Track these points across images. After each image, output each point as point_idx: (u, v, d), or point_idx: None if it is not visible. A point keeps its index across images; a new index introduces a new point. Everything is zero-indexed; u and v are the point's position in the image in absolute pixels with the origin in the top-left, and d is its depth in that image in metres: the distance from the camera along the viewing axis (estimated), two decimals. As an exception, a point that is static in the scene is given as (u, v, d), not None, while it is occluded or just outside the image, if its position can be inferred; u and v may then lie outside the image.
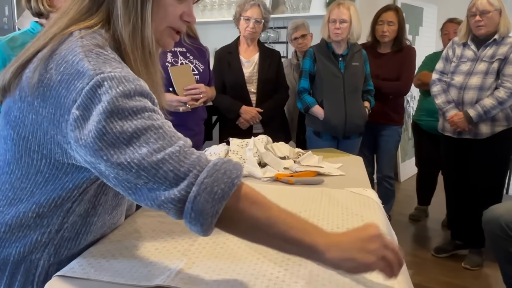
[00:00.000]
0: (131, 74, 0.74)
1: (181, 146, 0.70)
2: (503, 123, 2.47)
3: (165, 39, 0.87)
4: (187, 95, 1.91)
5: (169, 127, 0.73)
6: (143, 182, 0.68)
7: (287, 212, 0.72)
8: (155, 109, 0.74)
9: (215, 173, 0.68)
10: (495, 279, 2.44)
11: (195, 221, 0.67)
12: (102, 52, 0.75)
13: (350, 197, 1.28)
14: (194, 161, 0.69)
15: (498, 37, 2.40)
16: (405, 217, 3.47)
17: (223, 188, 0.67)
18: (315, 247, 0.69)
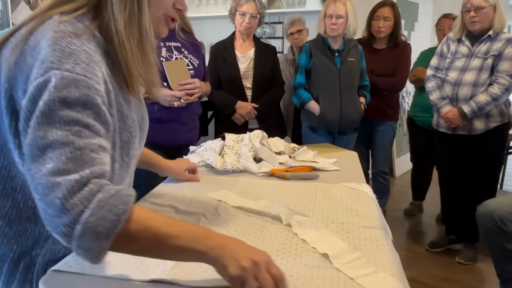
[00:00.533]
0: (89, 77, 0.71)
1: (82, 176, 0.66)
2: (497, 119, 2.48)
3: (161, 27, 0.86)
4: (182, 90, 1.90)
5: (91, 150, 0.69)
6: (39, 197, 0.67)
7: (176, 225, 0.72)
8: (90, 124, 0.70)
9: (99, 211, 0.65)
10: (489, 273, 2.46)
11: (84, 256, 0.67)
12: (74, 42, 0.72)
13: (345, 192, 1.29)
14: (84, 196, 0.65)
15: (492, 33, 2.41)
16: (400, 212, 3.49)
17: (108, 227, 0.65)
18: (205, 254, 0.70)
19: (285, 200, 1.17)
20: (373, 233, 0.97)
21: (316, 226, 0.98)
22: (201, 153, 1.59)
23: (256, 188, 1.30)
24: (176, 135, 1.96)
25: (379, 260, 0.85)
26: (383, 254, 0.87)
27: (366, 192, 1.28)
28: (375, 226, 1.01)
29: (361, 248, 0.90)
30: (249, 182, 1.37)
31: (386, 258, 0.86)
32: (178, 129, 1.96)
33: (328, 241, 0.90)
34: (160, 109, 1.91)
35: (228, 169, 1.47)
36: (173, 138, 1.95)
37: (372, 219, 1.05)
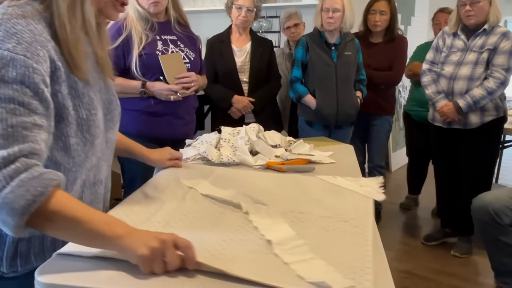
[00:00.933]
0: (29, 58, 0.74)
1: (11, 152, 0.71)
2: (492, 113, 2.49)
3: (109, 11, 0.90)
4: (178, 83, 1.89)
5: (24, 128, 0.73)
6: None
7: (92, 212, 0.76)
8: (26, 103, 0.74)
9: (18, 189, 0.70)
10: (484, 266, 2.48)
11: (4, 226, 0.72)
12: (21, 22, 0.76)
13: (317, 183, 1.29)
14: (8, 172, 0.70)
15: (488, 26, 2.41)
16: (396, 206, 3.51)
17: (23, 205, 0.70)
18: (114, 238, 0.74)
19: (254, 190, 1.19)
20: (329, 222, 0.99)
21: (271, 214, 1.00)
22: (197, 146, 1.59)
23: (231, 177, 1.33)
24: (173, 129, 1.95)
25: (321, 247, 0.86)
26: (328, 242, 0.89)
27: (340, 185, 1.28)
28: (331, 215, 1.03)
29: (309, 236, 0.91)
30: (225, 172, 1.39)
31: (331, 245, 0.87)
32: (175, 123, 1.96)
33: (278, 229, 0.92)
34: (157, 102, 1.91)
35: (224, 162, 1.48)
36: (169, 132, 1.95)
37: (334, 210, 1.06)
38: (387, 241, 2.74)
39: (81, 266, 0.76)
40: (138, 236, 0.75)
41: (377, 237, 0.95)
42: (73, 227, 0.74)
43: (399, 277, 2.40)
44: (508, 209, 2.01)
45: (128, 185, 2.01)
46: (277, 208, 1.07)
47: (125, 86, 1.87)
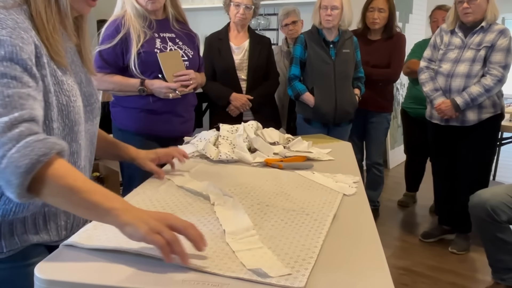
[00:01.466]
0: (15, 38, 0.79)
1: (11, 118, 0.74)
2: (489, 110, 2.50)
3: (80, 3, 0.93)
4: (177, 81, 1.89)
5: (20, 97, 0.77)
6: None
7: (93, 183, 0.79)
8: (18, 76, 0.78)
9: (24, 149, 0.73)
10: (481, 263, 2.49)
11: (6, 187, 0.75)
12: (1, 12, 0.81)
13: (294, 178, 1.31)
14: (13, 135, 0.74)
15: (485, 24, 2.42)
16: (394, 203, 3.52)
17: (27, 163, 0.73)
18: (112, 210, 0.76)
19: (230, 182, 1.24)
20: (290, 215, 1.02)
21: (236, 206, 1.02)
22: (195, 143, 1.59)
23: (212, 170, 1.37)
24: (172, 126, 1.95)
25: (274, 238, 0.89)
26: (282, 233, 0.91)
27: (316, 180, 1.29)
28: (295, 209, 1.06)
29: (265, 228, 0.94)
30: (207, 165, 1.43)
31: (284, 236, 0.90)
32: (174, 121, 1.96)
33: (236, 220, 0.95)
34: (155, 100, 1.90)
35: (222, 159, 1.48)
36: (168, 129, 1.95)
37: (299, 204, 1.09)
38: (385, 238, 2.76)
39: (80, 262, 0.77)
40: (136, 213, 0.77)
41: (375, 234, 0.95)
42: (72, 195, 0.77)
43: (397, 274, 2.42)
44: (505, 206, 2.02)
45: (127, 183, 2.01)
46: (246, 200, 1.11)
47: (124, 84, 1.87)
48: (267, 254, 0.82)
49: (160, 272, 0.75)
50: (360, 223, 1.02)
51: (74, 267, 0.76)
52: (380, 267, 0.80)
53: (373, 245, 0.90)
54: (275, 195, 1.16)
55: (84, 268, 0.75)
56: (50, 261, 0.77)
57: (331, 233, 0.94)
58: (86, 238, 0.84)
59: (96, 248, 0.81)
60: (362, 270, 0.79)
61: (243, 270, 0.75)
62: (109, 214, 0.76)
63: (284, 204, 1.09)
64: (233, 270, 0.75)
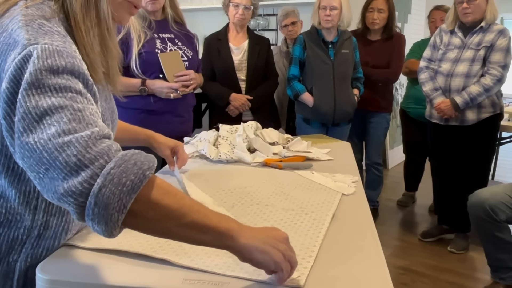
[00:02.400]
0: (71, 49, 0.69)
1: (93, 132, 0.64)
2: (489, 109, 2.50)
3: (122, 13, 0.81)
4: (178, 81, 1.90)
5: (91, 113, 0.66)
6: (44, 168, 0.62)
7: (199, 203, 0.70)
8: (83, 92, 0.68)
9: (124, 163, 0.62)
10: (480, 262, 2.50)
11: (99, 218, 0.61)
12: (45, 23, 0.70)
13: (293, 178, 1.32)
14: (103, 150, 0.63)
15: (485, 24, 2.43)
16: (393, 203, 3.52)
17: (133, 180, 0.61)
18: (230, 232, 0.67)
19: (230, 184, 1.24)
20: (289, 214, 1.02)
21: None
22: (195, 143, 1.60)
23: (212, 170, 1.37)
24: (172, 127, 1.96)
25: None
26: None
27: (315, 180, 1.30)
28: (294, 208, 1.06)
29: (259, 225, 0.95)
30: (206, 166, 1.43)
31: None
32: (173, 121, 1.97)
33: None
34: (156, 100, 1.91)
35: (222, 160, 1.48)
36: (168, 130, 1.94)
37: (298, 203, 1.09)
38: (384, 238, 2.77)
39: (82, 262, 0.77)
40: (260, 236, 0.69)
41: (375, 234, 0.96)
42: (182, 217, 0.65)
43: (396, 273, 2.42)
44: (504, 205, 2.03)
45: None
46: (245, 200, 1.11)
47: (125, 84, 1.88)
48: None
49: (161, 271, 0.75)
50: (359, 223, 1.02)
51: (76, 266, 0.76)
52: (379, 267, 0.81)
53: (372, 245, 0.90)
54: (274, 195, 1.16)
55: (86, 267, 0.76)
56: (52, 261, 0.78)
57: (330, 233, 0.94)
58: (88, 238, 0.85)
59: (97, 248, 0.81)
60: (361, 269, 0.79)
61: (243, 269, 0.75)
62: (229, 238, 0.67)
63: (283, 204, 1.10)
64: (233, 269, 0.75)
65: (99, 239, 0.84)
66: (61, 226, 0.80)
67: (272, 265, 0.68)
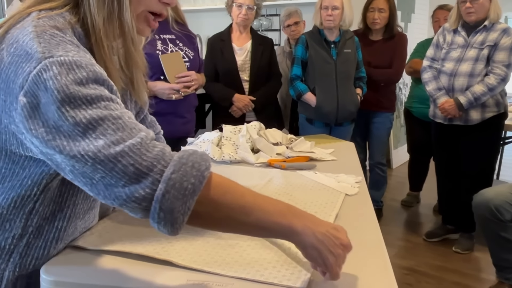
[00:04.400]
0: (86, 58, 0.67)
1: (142, 138, 0.64)
2: (493, 109, 2.49)
3: (141, 25, 0.78)
4: (179, 82, 1.91)
5: (129, 117, 0.67)
6: (100, 176, 0.63)
7: (260, 196, 0.71)
8: (113, 97, 0.68)
9: (182, 167, 0.63)
10: (486, 262, 2.48)
11: (165, 221, 0.63)
12: (57, 33, 0.68)
13: (297, 178, 1.31)
14: (158, 155, 0.64)
15: (488, 23, 2.41)
16: (397, 203, 3.51)
17: (194, 183, 0.63)
18: (293, 229, 0.69)
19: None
20: None
21: None
22: (198, 144, 1.60)
23: (214, 171, 1.32)
24: (174, 127, 1.97)
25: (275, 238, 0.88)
26: None
27: (318, 180, 1.29)
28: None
29: None
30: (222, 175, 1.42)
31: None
32: (175, 121, 1.97)
33: None
34: (158, 102, 1.92)
35: (226, 160, 1.48)
36: (170, 130, 1.94)
37: (301, 204, 1.08)
38: (388, 238, 2.76)
39: (86, 264, 0.77)
40: (320, 236, 0.69)
41: (379, 234, 0.95)
42: (246, 213, 0.66)
43: (401, 273, 2.41)
44: (509, 205, 2.02)
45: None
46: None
47: None
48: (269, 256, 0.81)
49: (164, 272, 0.75)
50: (363, 223, 1.02)
51: (80, 268, 0.76)
52: (384, 267, 0.80)
53: (376, 245, 0.90)
54: (277, 195, 1.16)
55: (89, 268, 0.76)
56: (56, 262, 0.78)
57: (334, 233, 0.94)
58: (91, 240, 0.85)
59: (101, 250, 0.81)
60: (366, 270, 0.79)
61: (245, 270, 0.75)
62: (292, 235, 0.69)
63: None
64: (236, 270, 0.75)
65: (102, 240, 0.85)
66: (52, 233, 0.78)
67: (320, 264, 0.70)
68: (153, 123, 1.05)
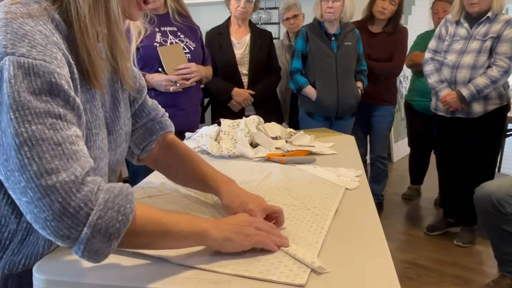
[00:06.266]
0: (50, 59, 0.64)
1: (76, 175, 0.64)
2: (495, 101, 2.47)
3: (132, 10, 0.78)
4: (178, 74, 1.89)
5: (71, 143, 0.65)
6: (26, 201, 0.62)
7: (174, 215, 0.77)
8: (63, 115, 0.65)
9: (108, 212, 0.64)
10: (487, 256, 2.47)
11: (88, 258, 0.66)
12: (28, 22, 0.65)
13: (296, 173, 1.29)
14: (86, 196, 0.63)
15: (491, 14, 2.38)
16: (398, 196, 3.50)
17: (119, 228, 0.65)
18: (203, 232, 0.75)
19: (233, 177, 1.17)
20: (291, 210, 1.00)
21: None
22: (196, 139, 1.58)
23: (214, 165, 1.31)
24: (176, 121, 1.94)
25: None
26: (281, 229, 0.90)
27: (318, 175, 1.28)
28: (296, 204, 1.04)
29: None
30: (207, 161, 1.39)
31: (284, 232, 0.89)
32: (177, 115, 1.95)
33: None
34: (157, 94, 1.90)
35: (224, 155, 1.46)
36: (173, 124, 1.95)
37: (300, 199, 1.07)
38: (389, 232, 2.75)
39: (79, 262, 0.76)
40: (224, 227, 0.77)
41: (379, 228, 0.94)
42: (164, 235, 0.72)
43: (402, 267, 2.40)
44: (511, 198, 2.00)
45: (131, 177, 2.01)
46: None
47: None
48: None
49: (160, 270, 0.73)
50: (363, 217, 1.00)
51: (73, 266, 0.75)
52: (385, 261, 0.79)
53: (377, 239, 0.88)
54: (276, 190, 1.14)
55: (83, 267, 0.74)
56: (49, 260, 0.76)
57: (334, 228, 0.92)
58: None
59: None
60: (366, 264, 0.78)
61: (243, 267, 0.74)
62: (204, 237, 0.75)
63: (285, 199, 1.08)
64: (233, 267, 0.73)
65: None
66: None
67: (239, 248, 0.76)
68: (154, 106, 1.04)
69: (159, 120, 1.02)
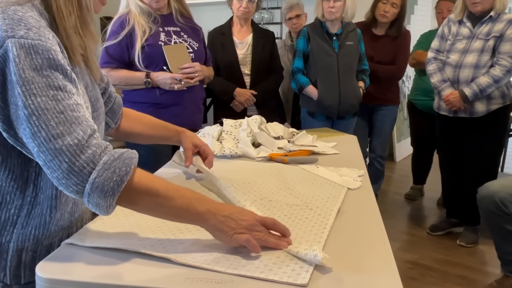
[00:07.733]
0: (46, 38, 0.73)
1: (79, 139, 0.73)
2: (498, 101, 2.46)
3: (95, 3, 0.86)
4: (182, 73, 1.90)
5: (72, 110, 0.74)
6: (42, 163, 0.73)
7: (174, 189, 0.79)
8: (63, 86, 0.74)
9: (105, 172, 0.72)
10: (490, 256, 2.47)
11: (94, 208, 0.75)
12: (18, 9, 0.74)
13: (298, 173, 1.29)
14: (89, 158, 0.73)
15: (494, 13, 2.38)
16: (401, 196, 3.49)
17: (112, 187, 0.73)
18: (197, 216, 0.79)
19: (233, 178, 1.21)
20: (293, 210, 1.00)
21: (241, 202, 1.00)
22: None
23: (214, 166, 1.29)
24: (180, 119, 1.94)
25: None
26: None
27: (320, 174, 1.27)
28: (298, 204, 1.04)
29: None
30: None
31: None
32: (181, 113, 1.96)
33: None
34: (162, 93, 1.91)
35: (226, 155, 1.46)
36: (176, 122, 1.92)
37: (302, 198, 1.07)
38: (392, 232, 2.75)
39: (82, 261, 0.76)
40: (220, 217, 0.78)
41: (382, 228, 0.94)
42: (157, 207, 0.78)
43: (404, 267, 2.40)
44: (514, 198, 1.99)
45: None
46: (249, 195, 1.09)
47: (130, 77, 1.88)
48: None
49: (162, 270, 0.73)
50: (365, 217, 1.00)
51: (76, 266, 0.75)
52: (387, 261, 0.79)
53: (379, 239, 0.88)
54: (279, 190, 1.14)
55: (86, 266, 0.74)
56: (51, 260, 0.77)
57: (336, 228, 0.92)
58: (87, 237, 0.84)
59: (97, 247, 0.80)
60: (369, 264, 0.77)
61: (245, 267, 0.74)
62: (198, 219, 0.79)
63: (288, 199, 1.08)
64: (235, 267, 0.73)
65: (98, 238, 0.83)
66: (46, 202, 0.83)
67: (227, 241, 0.78)
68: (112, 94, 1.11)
69: (116, 96, 1.12)
